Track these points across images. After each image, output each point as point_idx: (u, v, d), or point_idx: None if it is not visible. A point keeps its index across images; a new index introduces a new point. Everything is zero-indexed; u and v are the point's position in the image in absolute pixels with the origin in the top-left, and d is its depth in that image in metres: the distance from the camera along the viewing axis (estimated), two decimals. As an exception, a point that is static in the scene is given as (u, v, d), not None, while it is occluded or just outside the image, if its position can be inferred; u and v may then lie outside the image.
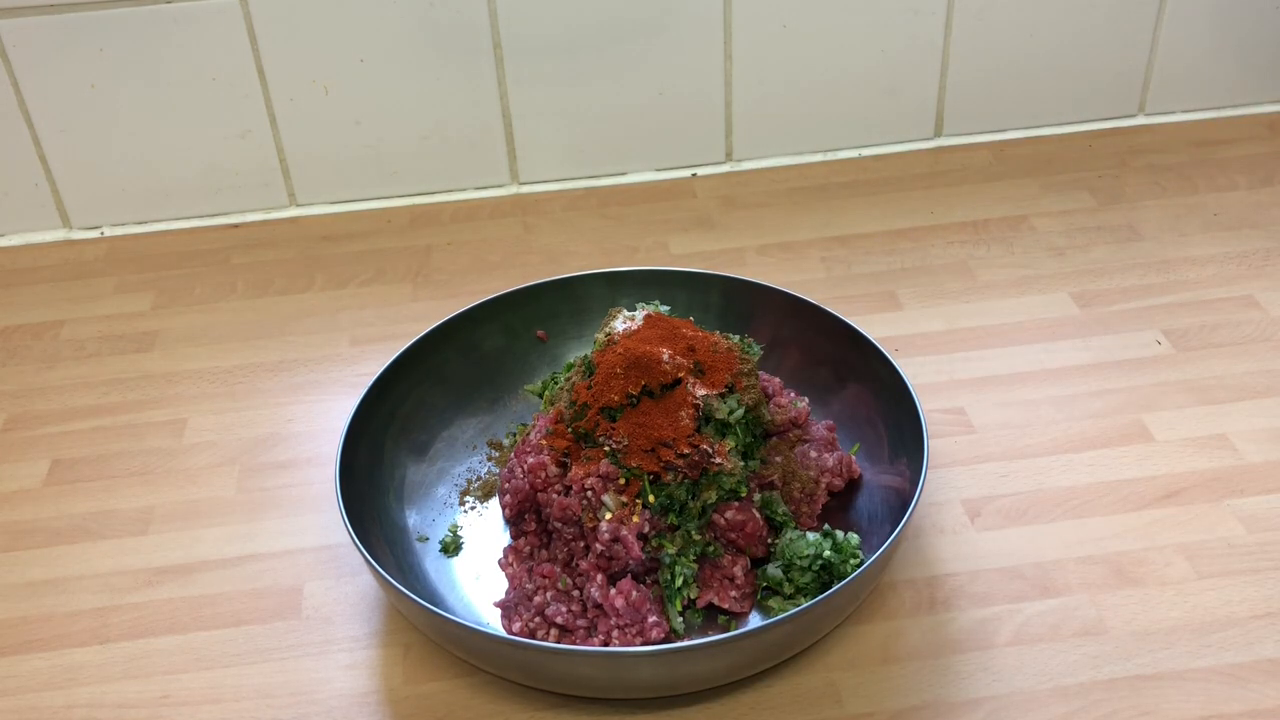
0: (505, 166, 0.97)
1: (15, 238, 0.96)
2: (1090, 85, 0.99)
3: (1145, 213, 0.90)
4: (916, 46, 0.95)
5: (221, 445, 0.74)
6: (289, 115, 0.93)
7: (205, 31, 0.88)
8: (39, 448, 0.75)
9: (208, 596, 0.64)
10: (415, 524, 0.66)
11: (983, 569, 0.62)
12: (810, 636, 0.57)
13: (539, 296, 0.74)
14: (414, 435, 0.69)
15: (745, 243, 0.90)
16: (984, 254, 0.87)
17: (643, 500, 0.57)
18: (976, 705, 0.56)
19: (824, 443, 0.65)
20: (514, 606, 0.59)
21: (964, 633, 0.59)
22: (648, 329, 0.62)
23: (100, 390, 0.79)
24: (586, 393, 0.59)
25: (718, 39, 0.93)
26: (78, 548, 0.67)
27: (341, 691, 0.58)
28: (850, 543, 0.59)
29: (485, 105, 0.94)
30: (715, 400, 0.59)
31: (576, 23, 0.91)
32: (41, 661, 0.61)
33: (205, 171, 0.94)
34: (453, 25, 0.90)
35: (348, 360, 0.80)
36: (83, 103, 0.90)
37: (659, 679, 0.55)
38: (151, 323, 0.85)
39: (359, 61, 0.91)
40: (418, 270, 0.89)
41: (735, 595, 0.60)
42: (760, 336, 0.68)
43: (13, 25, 0.86)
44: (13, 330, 0.86)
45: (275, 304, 0.86)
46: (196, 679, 0.59)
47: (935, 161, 0.98)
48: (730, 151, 0.99)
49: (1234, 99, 1.01)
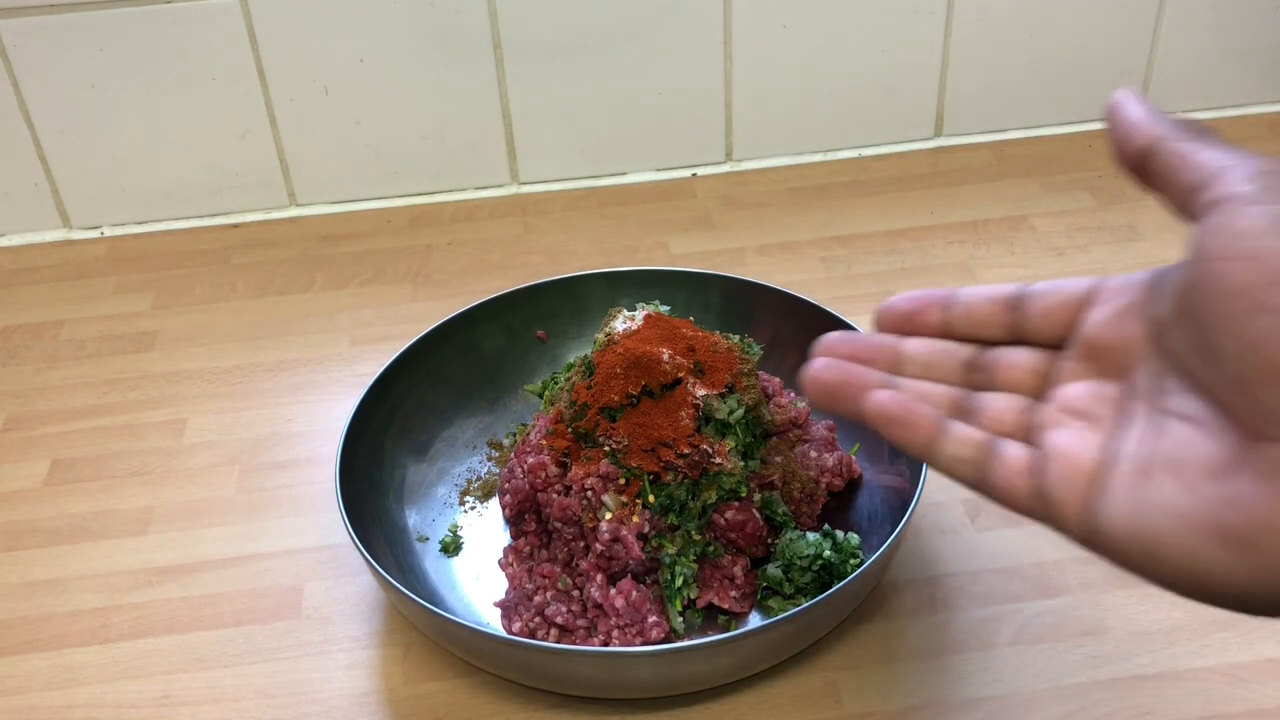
0: (505, 166, 0.97)
1: (15, 238, 0.96)
2: (1090, 85, 0.99)
3: (1145, 213, 0.90)
4: (916, 46, 0.95)
5: (221, 445, 0.74)
6: (289, 115, 0.93)
7: (205, 31, 0.88)
8: (39, 448, 0.75)
9: (208, 596, 0.64)
10: (415, 524, 0.66)
11: (983, 569, 0.62)
12: (810, 636, 0.57)
13: (539, 296, 0.74)
14: (414, 435, 0.69)
15: (745, 243, 0.90)
16: (984, 254, 0.87)
17: (643, 500, 0.57)
18: (976, 705, 0.56)
19: (824, 443, 0.65)
20: (514, 606, 0.59)
21: (964, 633, 0.59)
22: (648, 329, 0.62)
23: (100, 390, 0.79)
24: (586, 393, 0.59)
25: (718, 39, 0.93)
26: (78, 548, 0.67)
27: (341, 691, 0.58)
28: (850, 543, 0.59)
29: (485, 105, 0.94)
30: (715, 400, 0.59)
31: (576, 23, 0.91)
32: (41, 661, 0.61)
33: (205, 171, 0.94)
34: (453, 25, 0.90)
35: (348, 360, 0.80)
36: (83, 103, 0.90)
37: (659, 679, 0.55)
38: (151, 323, 0.85)
39: (359, 61, 0.91)
40: (417, 270, 0.89)
41: (735, 595, 0.60)
42: (760, 336, 0.68)
43: (13, 25, 0.86)
44: (13, 330, 0.86)
45: (275, 304, 0.87)
46: (196, 679, 0.59)
47: (935, 161, 0.98)
48: (730, 151, 0.99)
49: (1234, 99, 1.01)
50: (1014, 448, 0.36)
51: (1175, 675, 0.56)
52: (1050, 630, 0.59)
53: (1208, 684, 0.56)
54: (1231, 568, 0.30)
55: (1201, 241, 0.31)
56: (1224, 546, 0.30)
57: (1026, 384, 0.38)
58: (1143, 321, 0.35)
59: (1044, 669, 0.57)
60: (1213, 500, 0.30)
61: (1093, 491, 0.33)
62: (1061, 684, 0.56)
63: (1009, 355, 0.38)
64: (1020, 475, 0.35)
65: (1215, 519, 0.30)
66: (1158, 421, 0.33)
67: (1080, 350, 0.36)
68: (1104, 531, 0.32)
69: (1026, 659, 0.58)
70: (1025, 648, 0.58)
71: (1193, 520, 0.30)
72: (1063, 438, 0.35)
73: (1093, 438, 0.34)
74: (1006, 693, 0.56)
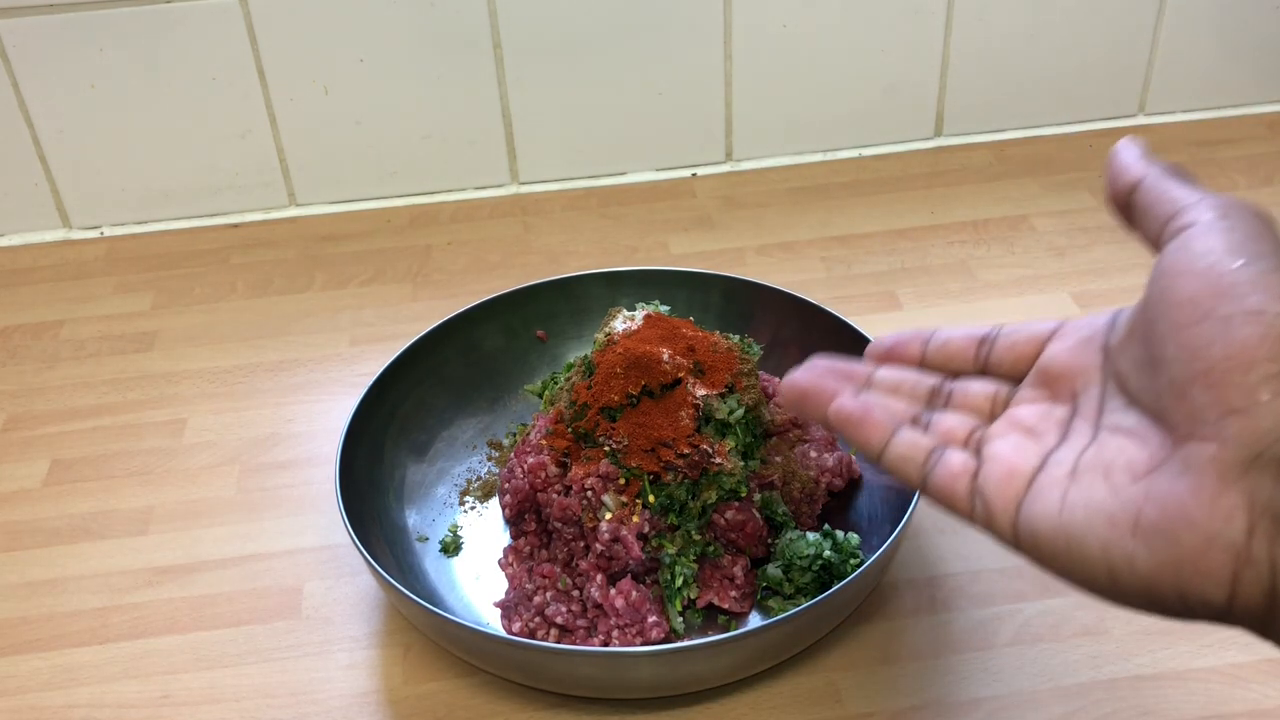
0: (505, 166, 0.97)
1: (15, 238, 0.96)
2: (1090, 85, 0.99)
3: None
4: (916, 46, 0.95)
5: (221, 445, 0.74)
6: (289, 115, 0.93)
7: (205, 31, 0.88)
8: (39, 448, 0.75)
9: (208, 596, 0.64)
10: (415, 524, 0.66)
11: (983, 569, 0.62)
12: (810, 636, 0.57)
13: (539, 296, 0.74)
14: (414, 435, 0.69)
15: (745, 243, 0.90)
16: (984, 254, 0.87)
17: (643, 500, 0.57)
18: (976, 705, 0.56)
19: (824, 443, 0.65)
20: (514, 606, 0.59)
21: (964, 633, 0.59)
22: (648, 329, 0.62)
23: (100, 390, 0.79)
24: (586, 393, 0.59)
25: (718, 39, 0.93)
26: (78, 548, 0.67)
27: (341, 691, 0.58)
28: (850, 543, 0.59)
29: (485, 105, 0.94)
30: (715, 400, 0.59)
31: (576, 23, 0.91)
32: (41, 661, 0.61)
33: (205, 171, 0.94)
34: (453, 25, 0.90)
35: (348, 360, 0.80)
36: (83, 103, 0.90)
37: (659, 679, 0.55)
38: (151, 323, 0.85)
39: (359, 61, 0.91)
40: (417, 270, 0.89)
41: (735, 595, 0.60)
42: (760, 336, 0.68)
43: (13, 25, 0.86)
44: (13, 330, 0.86)
45: (275, 304, 0.86)
46: (196, 679, 0.59)
47: (935, 161, 0.98)
48: (730, 151, 0.99)
49: (1234, 99, 1.01)
50: (958, 454, 0.38)
51: (1175, 675, 0.56)
52: (1050, 630, 0.59)
53: (1208, 684, 0.56)
54: (1145, 561, 0.31)
55: (1161, 263, 0.33)
56: (1140, 539, 0.31)
57: (982, 408, 0.40)
58: (1098, 351, 0.37)
59: (1044, 669, 0.57)
60: (1133, 497, 0.32)
61: (1024, 492, 0.35)
62: (1061, 684, 0.56)
63: (970, 384, 0.41)
64: (960, 477, 0.37)
65: (1133, 513, 0.31)
66: (1096, 435, 0.35)
67: (1036, 378, 0.39)
68: (1030, 529, 0.34)
69: (1026, 659, 0.58)
70: (1025, 648, 0.58)
71: (1112, 516, 0.32)
72: (1003, 446, 0.37)
73: (1033, 447, 0.36)
74: (1006, 693, 0.56)
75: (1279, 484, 0.29)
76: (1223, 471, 0.30)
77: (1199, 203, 0.34)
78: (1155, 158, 0.36)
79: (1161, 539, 0.31)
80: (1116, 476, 0.33)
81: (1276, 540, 0.29)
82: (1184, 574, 0.30)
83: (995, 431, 0.38)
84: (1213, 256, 0.32)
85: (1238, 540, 0.30)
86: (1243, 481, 0.30)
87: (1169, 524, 0.31)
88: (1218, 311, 0.30)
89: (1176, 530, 0.30)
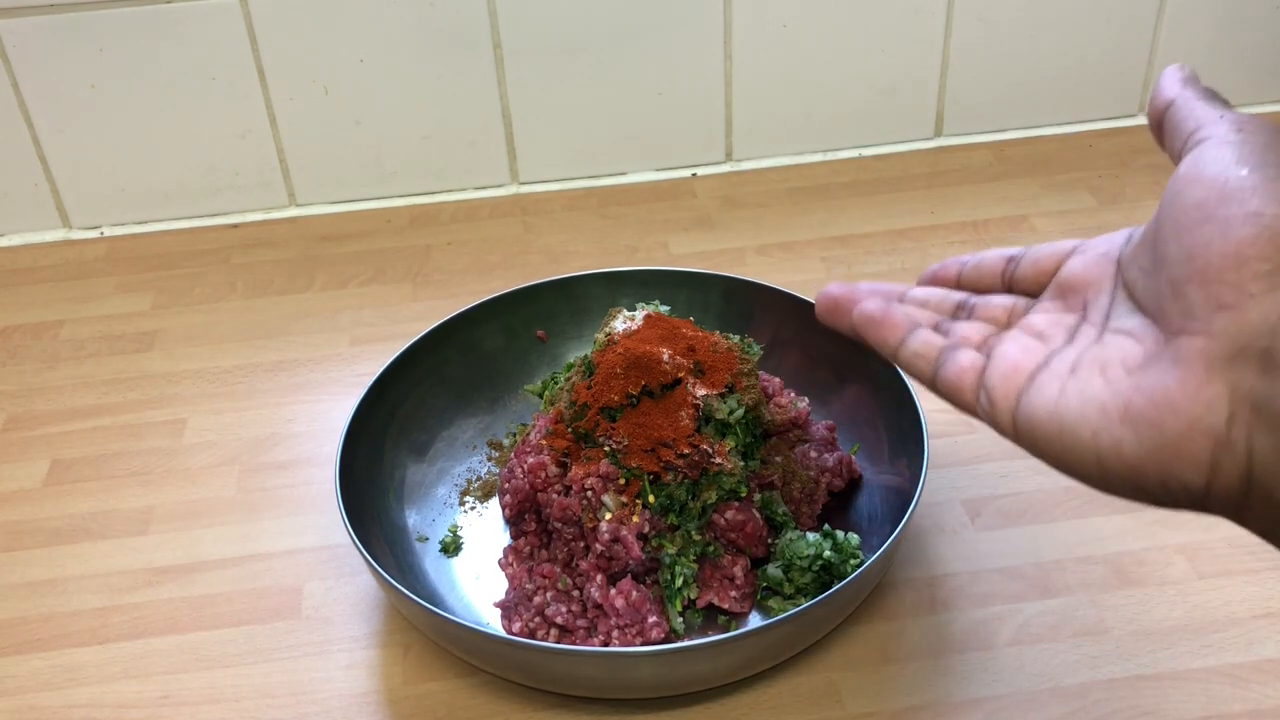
0: (505, 166, 0.97)
1: (15, 238, 0.96)
2: (1090, 85, 0.99)
3: (1145, 213, 0.90)
4: (916, 46, 0.95)
5: (221, 445, 0.74)
6: (289, 115, 0.93)
7: (205, 31, 0.88)
8: (39, 448, 0.75)
9: (208, 596, 0.64)
10: (415, 524, 0.66)
11: (983, 569, 0.62)
12: (810, 636, 0.57)
13: (539, 296, 0.74)
14: (414, 435, 0.69)
15: (745, 243, 0.90)
16: (984, 254, 0.87)
17: (643, 500, 0.57)
18: (976, 705, 0.56)
19: (824, 443, 0.65)
20: (514, 606, 0.59)
21: (964, 633, 0.59)
22: (648, 329, 0.62)
23: (100, 390, 0.79)
24: (586, 393, 0.59)
25: (718, 39, 0.93)
26: (78, 548, 0.67)
27: (341, 691, 0.58)
28: (850, 543, 0.59)
29: (485, 105, 0.94)
30: (715, 400, 0.59)
31: (576, 23, 0.91)
32: (41, 661, 0.61)
33: (205, 171, 0.94)
34: (453, 25, 0.90)
35: (348, 360, 0.80)
36: (83, 103, 0.90)
37: (659, 679, 0.55)
38: (151, 323, 0.85)
39: (359, 61, 0.91)
40: (417, 270, 0.89)
41: (735, 595, 0.60)
42: (760, 336, 0.68)
43: (13, 25, 0.86)
44: (13, 330, 0.86)
45: (275, 304, 0.87)
46: (196, 679, 0.59)
47: (935, 161, 0.98)
48: (730, 151, 0.99)
49: (1234, 99, 1.01)
50: (968, 352, 0.40)
51: (1175, 675, 0.56)
52: (1050, 630, 0.59)
53: (1208, 684, 0.56)
54: (1132, 447, 0.32)
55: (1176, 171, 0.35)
56: (1128, 426, 0.33)
57: (999, 319, 0.42)
58: (1112, 263, 0.39)
59: (1044, 669, 0.57)
60: (1126, 388, 0.34)
61: (1026, 386, 0.37)
62: (1061, 684, 0.56)
63: (992, 298, 0.43)
64: (968, 372, 0.39)
65: (1124, 402, 0.33)
66: (1101, 337, 0.36)
67: (1053, 290, 0.41)
68: (1028, 419, 0.36)
69: (1026, 659, 0.58)
70: (1025, 648, 0.58)
71: (1104, 405, 0.34)
72: (1011, 346, 0.39)
73: (1039, 348, 0.38)
74: (1006, 693, 0.56)
75: (1261, 375, 0.30)
76: (1209, 363, 0.31)
77: (1219, 119, 0.35)
78: (1195, 83, 0.38)
79: (1148, 425, 0.32)
80: (1112, 370, 0.34)
81: (1254, 428, 0.31)
82: (1166, 459, 0.32)
83: (1006, 336, 0.40)
84: (1221, 165, 0.33)
85: (1218, 427, 0.31)
86: (1227, 372, 0.31)
87: (1155, 411, 0.32)
88: (1219, 214, 0.32)
89: (1162, 417, 0.32)
